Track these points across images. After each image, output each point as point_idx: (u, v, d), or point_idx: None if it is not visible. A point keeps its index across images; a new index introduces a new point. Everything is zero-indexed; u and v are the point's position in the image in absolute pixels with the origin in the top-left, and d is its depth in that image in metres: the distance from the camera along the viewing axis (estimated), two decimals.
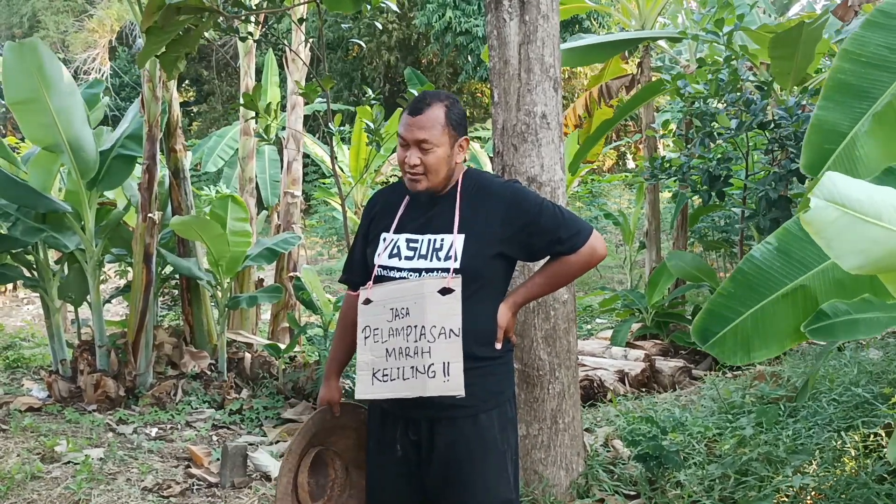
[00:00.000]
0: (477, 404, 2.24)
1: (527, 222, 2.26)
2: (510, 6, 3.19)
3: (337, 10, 4.10)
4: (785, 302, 2.59)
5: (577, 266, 2.32)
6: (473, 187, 2.33)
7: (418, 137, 2.24)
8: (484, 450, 2.25)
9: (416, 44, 20.29)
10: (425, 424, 2.26)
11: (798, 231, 2.66)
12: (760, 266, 2.71)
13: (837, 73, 2.82)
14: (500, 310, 2.29)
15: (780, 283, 2.66)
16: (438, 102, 2.27)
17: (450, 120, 2.26)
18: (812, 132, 2.79)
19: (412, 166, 2.25)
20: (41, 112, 5.36)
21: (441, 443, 2.25)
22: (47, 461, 4.47)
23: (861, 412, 3.81)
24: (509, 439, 2.33)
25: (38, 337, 8.81)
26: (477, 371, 2.22)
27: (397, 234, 2.32)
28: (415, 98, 2.31)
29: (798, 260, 2.64)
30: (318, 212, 16.80)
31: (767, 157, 6.92)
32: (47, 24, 22.17)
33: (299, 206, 8.18)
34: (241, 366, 6.49)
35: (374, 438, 2.41)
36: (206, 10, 3.77)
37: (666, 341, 7.32)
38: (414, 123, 2.25)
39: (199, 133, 21.39)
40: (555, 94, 3.25)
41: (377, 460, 2.41)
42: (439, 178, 2.27)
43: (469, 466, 2.24)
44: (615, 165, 20.76)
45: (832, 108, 2.74)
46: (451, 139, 2.27)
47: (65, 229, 5.94)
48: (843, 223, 1.45)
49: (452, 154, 2.29)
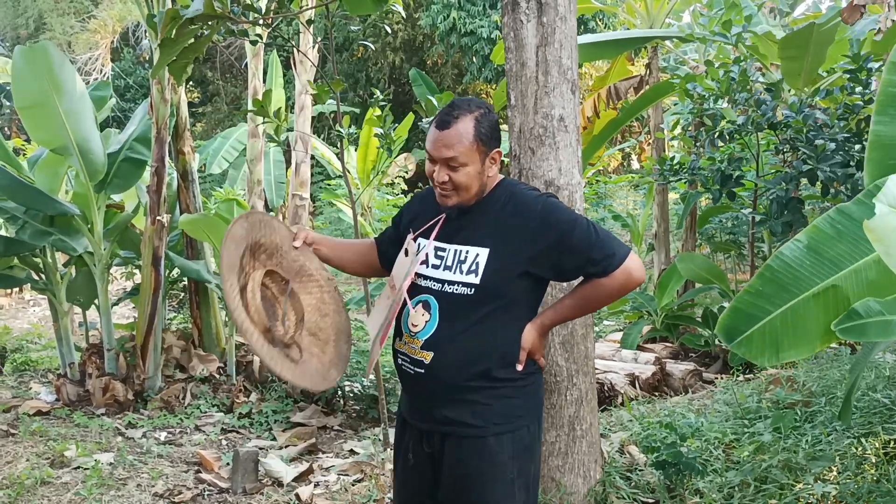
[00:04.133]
0: (487, 426, 2.16)
1: (557, 240, 2.13)
2: (527, 8, 3.15)
3: (358, 12, 4.06)
4: (816, 302, 2.53)
5: (609, 291, 2.17)
6: (506, 199, 2.21)
7: (445, 155, 2.12)
8: (490, 475, 2.16)
9: (422, 45, 20.25)
10: (437, 438, 2.22)
11: (829, 229, 2.60)
12: (790, 264, 2.63)
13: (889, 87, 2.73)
14: (526, 330, 2.19)
15: (810, 282, 2.59)
16: (468, 115, 2.13)
17: (479, 134, 2.13)
18: (872, 149, 2.69)
19: (441, 183, 2.15)
20: (50, 115, 5.34)
21: (449, 459, 2.20)
22: (57, 466, 4.44)
23: (880, 418, 3.77)
24: (523, 468, 2.21)
25: (45, 339, 8.79)
26: (491, 391, 2.17)
27: (429, 241, 2.27)
28: (445, 107, 2.17)
29: (829, 259, 2.57)
30: (323, 213, 16.77)
31: (778, 157, 6.89)
32: (53, 26, 22.16)
33: (307, 208, 8.15)
34: (249, 369, 6.46)
35: (396, 444, 2.39)
36: (218, 18, 3.74)
37: (676, 344, 7.28)
38: (441, 140, 2.13)
39: (204, 134, 21.37)
40: (572, 97, 3.21)
41: (399, 470, 2.39)
42: (470, 194, 2.17)
43: (473, 489, 2.17)
44: (620, 166, 20.71)
45: (889, 122, 2.65)
46: (481, 155, 2.14)
47: (73, 232, 5.91)
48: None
49: (483, 169, 2.17)
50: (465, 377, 2.15)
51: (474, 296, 2.13)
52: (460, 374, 2.15)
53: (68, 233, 5.89)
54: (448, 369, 2.15)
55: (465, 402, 2.16)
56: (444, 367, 2.15)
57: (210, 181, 16.55)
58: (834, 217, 2.63)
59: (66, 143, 5.48)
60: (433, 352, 2.17)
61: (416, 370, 2.21)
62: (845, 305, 2.50)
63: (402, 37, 19.76)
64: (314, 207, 16.56)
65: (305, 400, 6.00)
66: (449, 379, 2.15)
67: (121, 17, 19.31)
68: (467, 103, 2.17)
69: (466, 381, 2.14)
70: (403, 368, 2.26)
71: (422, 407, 2.25)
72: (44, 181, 5.98)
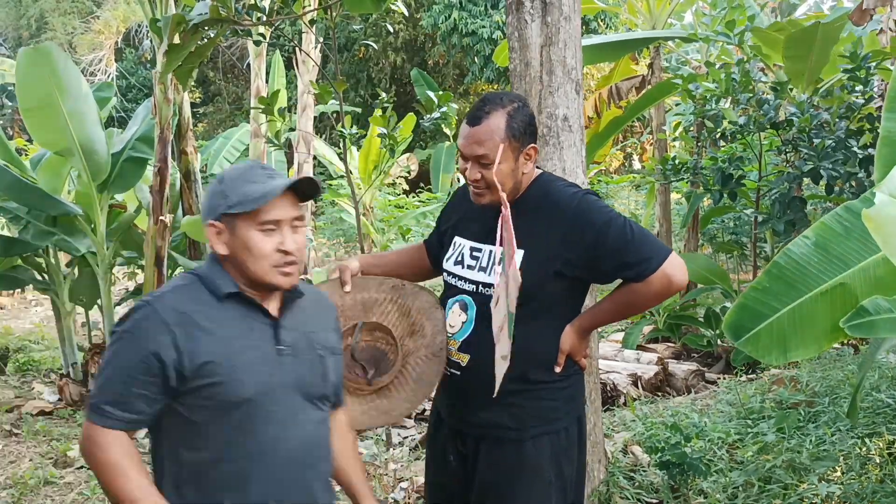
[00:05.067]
0: (524, 428, 2.12)
1: (592, 242, 2.04)
2: (532, 7, 3.15)
3: (359, 11, 4.06)
4: (824, 300, 2.52)
5: (646, 296, 2.05)
6: (541, 196, 2.13)
7: (476, 153, 2.04)
8: (527, 478, 2.12)
9: (423, 45, 20.25)
10: (472, 440, 2.19)
11: (836, 226, 2.59)
12: (798, 261, 2.62)
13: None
14: (565, 331, 2.12)
15: (818, 279, 2.58)
16: (499, 109, 2.03)
17: (511, 130, 2.03)
18: (883, 145, 2.67)
19: (474, 181, 2.08)
20: (53, 116, 5.34)
21: (483, 462, 2.16)
22: (60, 466, 4.44)
23: (885, 418, 3.77)
24: (562, 472, 2.15)
25: (47, 340, 8.79)
26: (528, 394, 2.12)
27: (465, 240, 2.23)
28: (477, 102, 2.08)
29: (837, 256, 2.56)
30: (324, 213, 16.77)
31: (780, 157, 6.89)
32: (55, 26, 22.18)
33: (309, 208, 8.14)
34: None
35: (432, 443, 2.36)
36: (223, 22, 3.74)
37: (678, 344, 7.27)
38: (471, 136, 2.04)
39: (206, 135, 21.35)
40: (577, 97, 3.20)
41: (433, 469, 2.36)
42: (505, 192, 2.06)
43: (508, 493, 2.12)
44: (622, 166, 20.69)
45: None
46: (514, 151, 2.05)
47: (76, 232, 5.92)
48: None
49: (517, 166, 2.07)
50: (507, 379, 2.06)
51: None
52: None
53: (71, 233, 5.90)
54: (484, 373, 2.07)
55: (501, 405, 2.10)
56: (480, 370, 2.09)
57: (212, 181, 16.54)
58: (841, 214, 2.63)
59: (70, 145, 5.49)
60: (469, 354, 2.14)
61: (453, 372, 2.18)
62: (853, 303, 2.47)
63: (404, 37, 19.75)
64: (316, 207, 16.54)
65: None
66: (485, 382, 2.07)
67: (125, 17, 19.31)
68: (500, 97, 2.08)
69: (507, 383, 2.06)
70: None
71: (458, 408, 2.22)
72: (46, 181, 5.98)
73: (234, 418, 1.68)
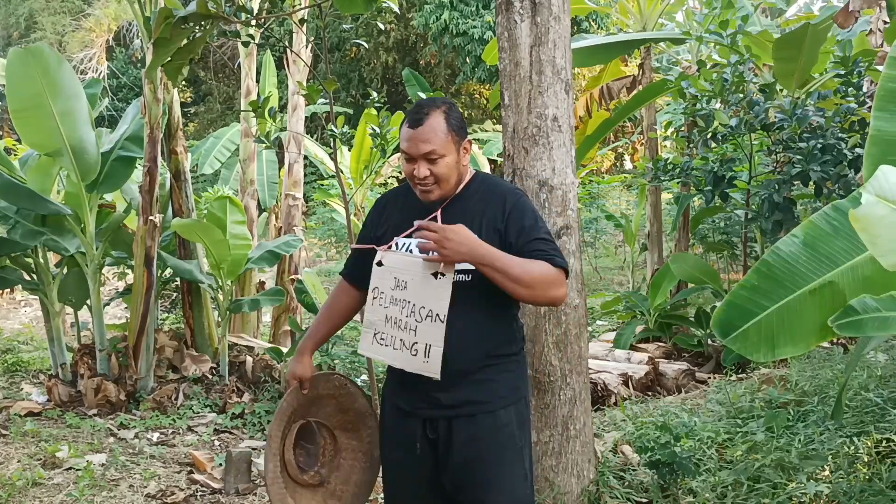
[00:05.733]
0: (495, 400, 2.27)
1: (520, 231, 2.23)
2: (521, 7, 3.15)
3: (350, 11, 4.06)
4: (812, 298, 2.52)
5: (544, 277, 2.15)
6: (483, 189, 2.33)
7: (423, 151, 2.21)
8: (501, 447, 2.27)
9: (415, 45, 20.25)
10: (443, 423, 2.27)
11: (825, 225, 2.59)
12: (786, 259, 2.63)
13: (889, 82, 2.70)
14: (459, 225, 2.16)
15: (806, 278, 2.58)
16: (436, 110, 2.23)
17: (451, 126, 2.23)
18: (872, 143, 2.66)
19: (422, 179, 2.23)
20: (43, 118, 5.30)
21: (459, 440, 2.25)
22: (48, 467, 4.42)
23: (872, 417, 3.78)
24: (525, 437, 2.34)
25: (36, 340, 8.75)
26: (494, 367, 2.27)
27: (409, 239, 2.30)
28: (412, 109, 2.27)
29: (825, 255, 2.57)
30: (315, 213, 16.74)
31: (770, 158, 6.91)
32: (44, 25, 22.08)
33: (300, 208, 8.13)
34: (242, 369, 6.44)
35: (392, 439, 2.40)
36: (212, 18, 3.73)
37: (669, 344, 7.29)
38: (416, 136, 2.21)
39: (196, 134, 21.31)
40: (566, 97, 3.21)
41: (396, 464, 2.39)
42: (450, 186, 2.26)
43: (488, 464, 2.25)
44: (613, 167, 20.73)
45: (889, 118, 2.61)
46: (455, 145, 2.25)
47: (65, 232, 5.88)
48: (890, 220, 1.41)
49: (459, 159, 2.27)
50: (472, 359, 2.24)
51: (471, 281, 2.21)
52: (467, 358, 2.23)
53: (60, 233, 5.87)
54: (455, 356, 2.19)
55: (474, 383, 2.25)
56: (451, 354, 2.17)
57: (202, 181, 16.50)
58: (830, 213, 2.63)
59: (59, 146, 5.45)
60: None
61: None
62: (841, 302, 2.49)
63: (395, 37, 19.75)
64: (307, 207, 16.51)
65: None
66: (457, 364, 2.20)
67: (116, 15, 19.25)
68: (432, 101, 2.28)
69: (473, 362, 2.24)
70: None
71: (426, 395, 2.27)
72: (35, 181, 5.95)
73: None
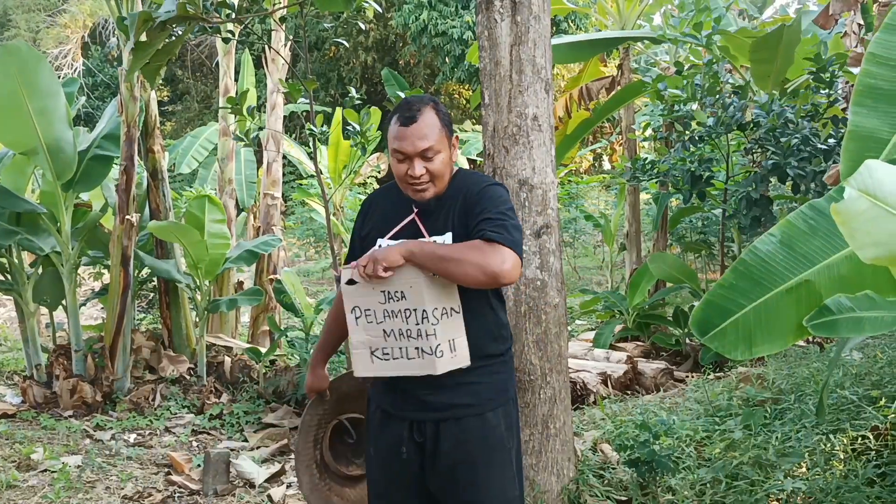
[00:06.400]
0: (483, 402, 2.23)
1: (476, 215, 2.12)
2: (501, 7, 3.15)
3: (330, 8, 4.04)
4: (788, 297, 2.54)
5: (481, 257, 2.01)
6: (460, 185, 2.26)
7: (420, 148, 2.15)
8: (490, 449, 2.23)
9: (394, 45, 20.22)
10: (430, 426, 2.23)
11: (802, 224, 2.62)
12: (763, 258, 2.65)
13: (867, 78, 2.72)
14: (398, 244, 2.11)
15: (783, 276, 2.60)
16: (426, 106, 2.18)
17: (443, 121, 2.20)
18: (850, 139, 2.68)
19: (417, 177, 2.16)
20: (18, 116, 5.25)
21: (447, 443, 2.21)
22: (23, 469, 4.36)
23: (848, 414, 3.82)
24: (514, 439, 2.31)
25: (10, 341, 8.64)
26: (482, 369, 2.23)
27: (391, 241, 2.26)
28: (400, 108, 2.20)
29: (802, 254, 2.59)
30: (294, 213, 16.66)
31: (747, 157, 6.97)
32: (18, 23, 21.80)
33: (279, 207, 8.09)
34: (220, 370, 6.40)
35: (377, 443, 2.37)
36: (191, 19, 3.70)
37: (647, 343, 7.33)
38: (412, 134, 2.15)
39: (174, 134, 21.14)
40: (546, 96, 3.21)
41: (381, 465, 2.36)
42: (444, 183, 2.22)
43: (476, 467, 2.22)
44: (591, 167, 20.82)
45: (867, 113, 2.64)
46: (447, 140, 2.21)
47: (40, 231, 5.82)
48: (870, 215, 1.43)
49: (451, 155, 2.24)
50: None
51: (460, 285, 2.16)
52: None
53: (35, 232, 5.80)
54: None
55: (461, 385, 2.20)
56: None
57: (180, 180, 16.37)
58: (807, 212, 2.66)
59: (35, 145, 5.39)
60: None
61: None
62: (817, 300, 2.51)
63: (375, 36, 19.71)
64: (286, 207, 16.43)
65: (277, 401, 5.95)
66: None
67: (92, 12, 19.04)
68: (419, 98, 2.23)
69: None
70: None
71: (414, 398, 2.24)
72: (9, 179, 5.88)
73: None
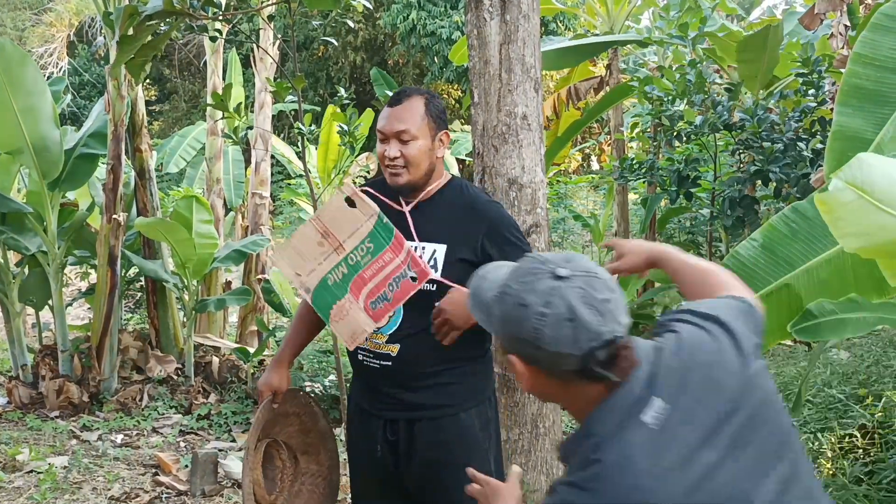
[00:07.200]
0: (458, 403, 2.26)
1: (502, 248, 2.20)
2: (491, 5, 3.15)
3: (318, 6, 4.03)
4: (770, 300, 2.56)
5: None
6: (458, 197, 2.30)
7: (397, 128, 2.19)
8: (467, 449, 2.24)
9: (382, 44, 20.19)
10: (404, 425, 2.25)
11: (783, 228, 2.64)
12: (745, 263, 2.67)
13: (852, 78, 2.72)
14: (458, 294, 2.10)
15: (765, 281, 2.63)
16: (418, 95, 2.25)
17: (430, 112, 2.23)
18: (834, 139, 2.69)
19: (392, 159, 2.20)
20: (2, 114, 5.21)
21: (421, 443, 2.24)
22: (9, 470, 4.34)
23: (835, 413, 3.85)
24: (491, 438, 2.33)
25: None
26: (457, 371, 2.25)
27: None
28: (394, 93, 2.29)
29: (783, 258, 2.62)
30: (283, 212, 16.62)
31: (734, 158, 6.99)
32: (3, 21, 21.65)
33: (267, 207, 8.06)
34: (208, 370, 6.37)
35: (355, 439, 2.40)
36: (177, 14, 3.68)
37: None
38: (393, 115, 2.22)
39: (162, 133, 21.04)
40: (535, 95, 3.21)
41: (359, 464, 2.39)
42: (420, 172, 2.23)
43: (452, 467, 2.19)
44: (580, 167, 20.86)
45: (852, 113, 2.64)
46: (431, 131, 2.23)
47: (26, 231, 5.78)
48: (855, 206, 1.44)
49: (433, 147, 2.24)
50: (434, 363, 2.22)
51: (436, 291, 2.19)
52: (428, 362, 2.22)
53: (21, 231, 5.76)
54: (416, 359, 2.21)
55: (436, 386, 2.24)
56: (412, 356, 2.21)
57: (167, 180, 16.30)
58: (788, 216, 2.68)
59: (21, 144, 5.36)
60: (399, 344, 2.22)
61: (383, 363, 2.24)
62: (798, 304, 2.55)
63: (363, 36, 19.67)
64: (274, 206, 16.38)
65: None
66: (418, 367, 2.22)
67: (78, 10, 18.91)
68: (415, 89, 2.31)
69: (434, 366, 2.22)
70: (365, 363, 2.28)
71: (388, 396, 2.27)
72: None
73: None
